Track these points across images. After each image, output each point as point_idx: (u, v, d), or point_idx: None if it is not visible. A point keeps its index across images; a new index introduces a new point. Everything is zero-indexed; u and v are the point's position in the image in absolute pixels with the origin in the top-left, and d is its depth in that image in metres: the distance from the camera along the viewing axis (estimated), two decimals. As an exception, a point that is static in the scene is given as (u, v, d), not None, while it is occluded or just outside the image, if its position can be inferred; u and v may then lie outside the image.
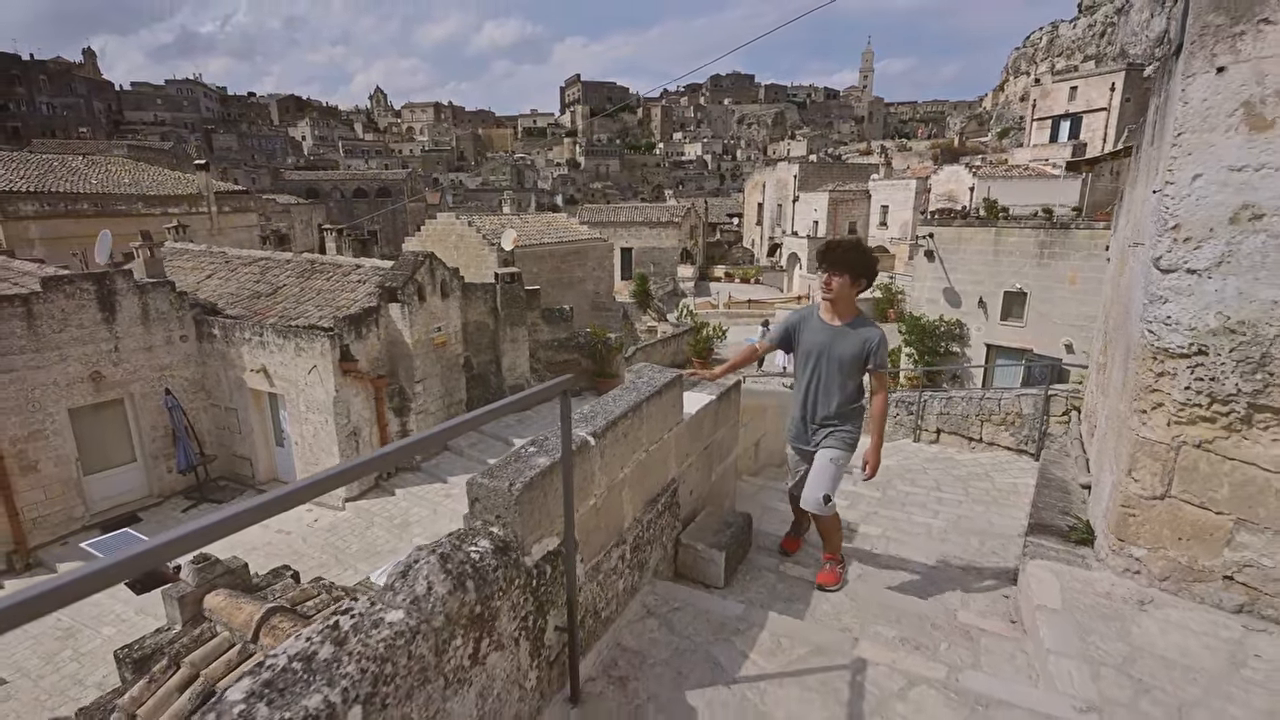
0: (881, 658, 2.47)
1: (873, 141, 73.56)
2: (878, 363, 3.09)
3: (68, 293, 10.09)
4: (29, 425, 9.85)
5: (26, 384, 9.76)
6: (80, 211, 19.03)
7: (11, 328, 9.57)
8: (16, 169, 19.66)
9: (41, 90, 54.61)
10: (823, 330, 3.18)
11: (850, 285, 3.08)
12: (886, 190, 36.72)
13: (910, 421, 8.92)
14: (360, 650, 1.41)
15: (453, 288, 12.25)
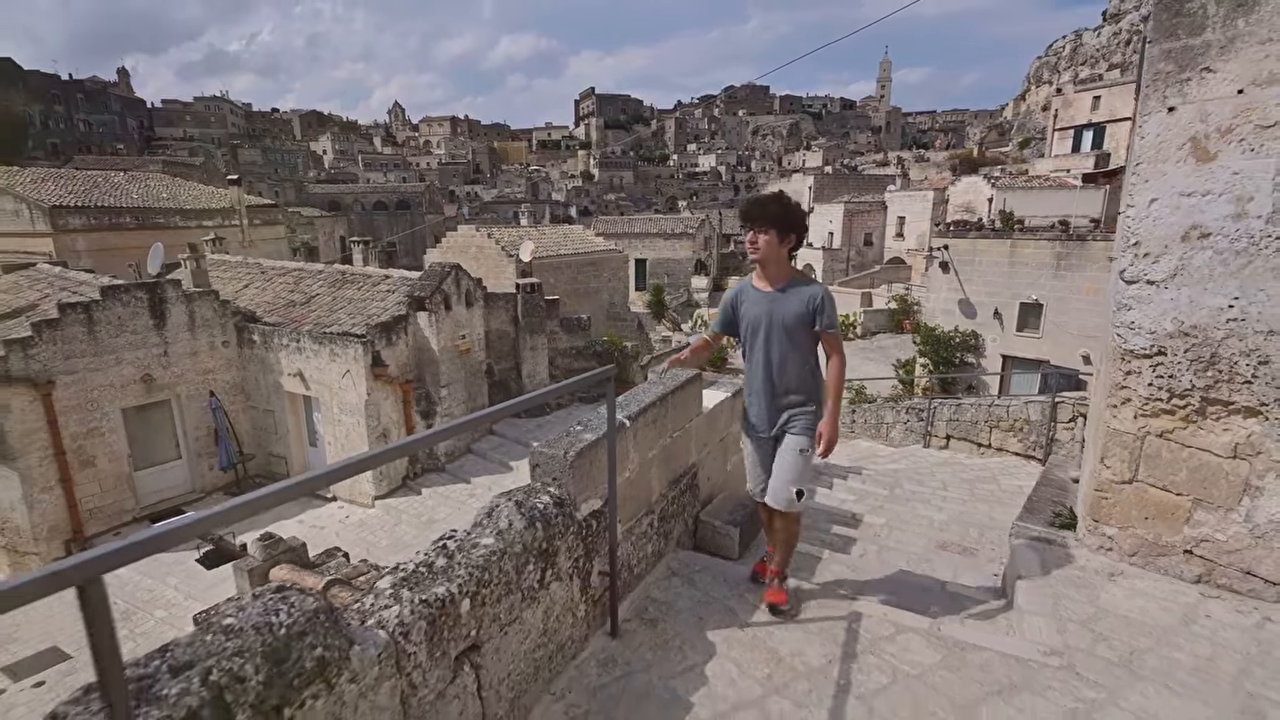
0: (874, 611, 2.89)
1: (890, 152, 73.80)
2: (825, 322, 2.67)
3: (124, 301, 10.82)
4: (87, 423, 10.55)
5: (86, 385, 10.47)
6: (123, 225, 20.03)
7: (75, 333, 10.31)
8: (65, 184, 20.75)
9: (79, 108, 56.99)
10: (759, 299, 2.78)
11: (778, 243, 2.68)
12: (903, 202, 36.99)
13: (920, 428, 9.26)
14: (465, 561, 1.89)
15: (476, 297, 12.83)
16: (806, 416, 2.77)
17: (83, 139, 55.07)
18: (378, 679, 1.55)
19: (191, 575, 10.02)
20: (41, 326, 10.23)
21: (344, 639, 1.48)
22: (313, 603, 1.46)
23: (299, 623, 1.40)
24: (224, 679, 1.23)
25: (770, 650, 2.62)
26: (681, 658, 2.55)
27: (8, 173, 21.07)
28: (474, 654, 1.90)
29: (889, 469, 7.40)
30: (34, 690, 7.91)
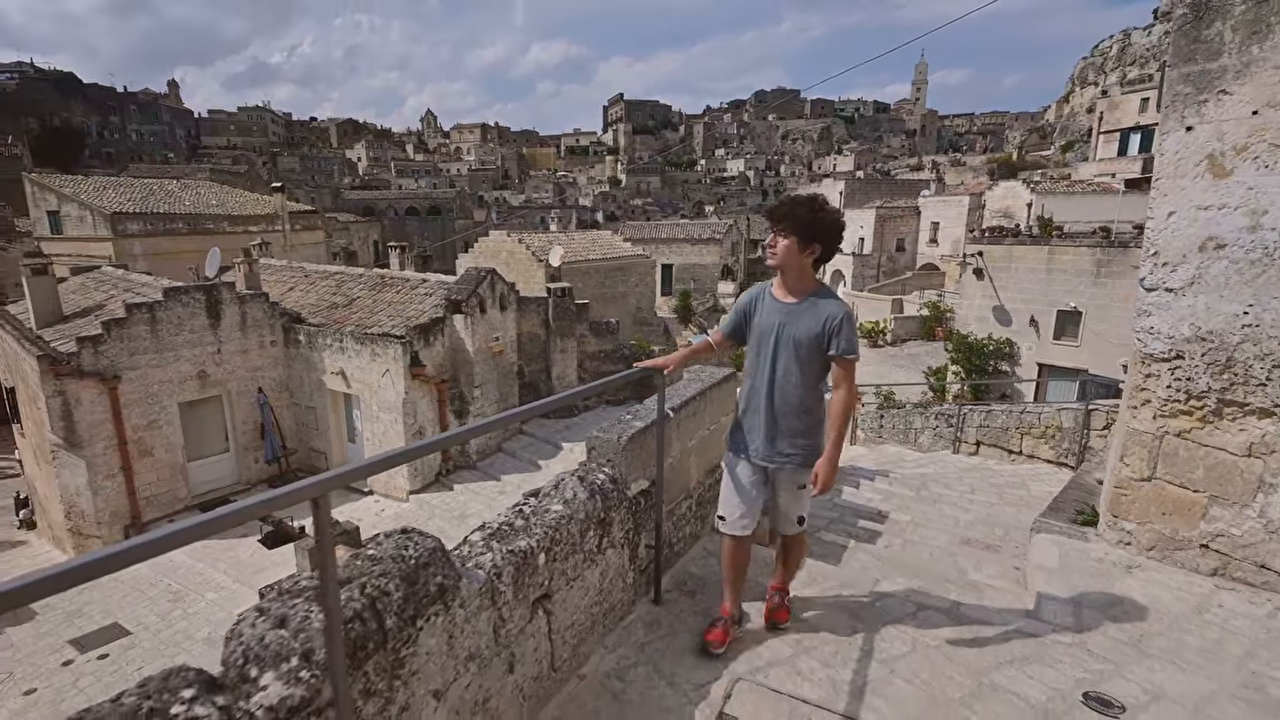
0: (897, 592, 3.15)
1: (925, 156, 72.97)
2: (842, 347, 2.39)
3: (183, 302, 11.55)
4: (148, 416, 11.28)
5: (148, 380, 11.20)
6: (176, 230, 21.14)
7: (139, 331, 11.05)
8: (124, 192, 21.98)
9: (132, 119, 59.99)
10: (775, 309, 2.53)
11: (800, 249, 2.43)
12: (937, 207, 36.68)
13: (949, 434, 9.37)
14: (539, 522, 2.22)
15: (510, 301, 13.30)
16: (808, 449, 2.51)
17: (135, 148, 57.83)
18: (478, 608, 1.89)
19: (239, 561, 10.64)
20: (110, 325, 10.99)
21: (455, 573, 1.83)
22: (432, 542, 1.81)
23: (423, 556, 1.75)
24: (374, 591, 1.58)
25: (801, 620, 2.90)
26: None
27: (73, 181, 22.40)
28: (546, 601, 2.23)
29: (916, 472, 7.56)
30: (99, 662, 8.55)
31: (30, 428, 12.93)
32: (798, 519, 2.67)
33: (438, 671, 1.78)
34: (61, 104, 59.78)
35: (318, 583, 1.63)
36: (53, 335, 11.84)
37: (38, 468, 13.35)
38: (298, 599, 1.59)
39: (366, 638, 1.56)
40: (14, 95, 58.92)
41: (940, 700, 2.39)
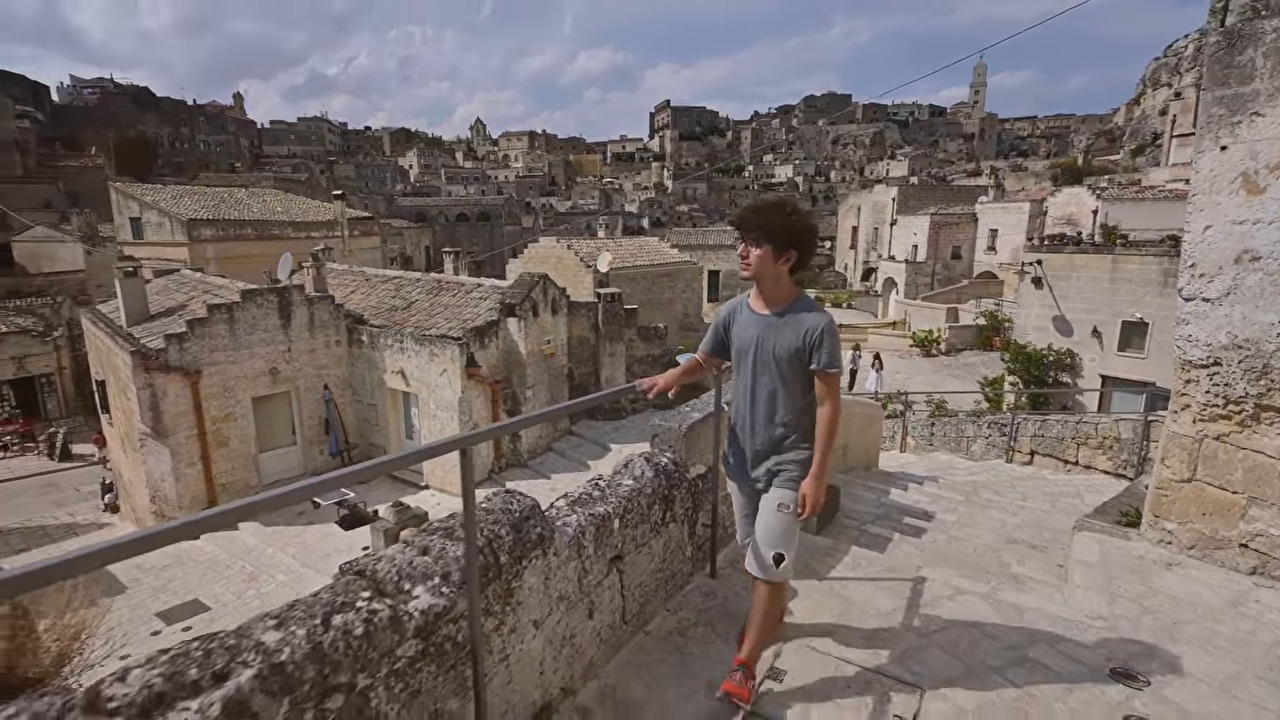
0: (938, 577, 3.42)
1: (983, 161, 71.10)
2: (823, 360, 2.28)
3: (258, 303, 12.52)
4: (225, 409, 12.26)
5: (226, 375, 12.18)
6: (245, 235, 22.65)
7: (219, 330, 12.05)
8: (198, 200, 23.68)
9: (200, 130, 64.26)
10: (752, 322, 2.43)
11: (774, 258, 2.29)
12: (996, 214, 35.84)
13: (1002, 442, 9.38)
14: (613, 494, 2.62)
15: (561, 305, 13.86)
16: (793, 467, 2.38)
17: (203, 157, 61.73)
18: (567, 558, 2.29)
19: (306, 546, 11.45)
20: (194, 324, 12.01)
21: (549, 527, 2.24)
22: (531, 500, 2.22)
23: (526, 509, 2.17)
24: (491, 534, 2.00)
25: (844, 598, 3.20)
26: (769, 596, 3.18)
27: (153, 190, 24.26)
28: (619, 562, 2.62)
29: (967, 479, 7.66)
30: (183, 633, 9.39)
31: (119, 417, 14.16)
32: (774, 556, 2.35)
33: (537, 605, 2.19)
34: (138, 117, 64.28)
35: (449, 524, 2.06)
36: (141, 332, 12.98)
37: (124, 455, 14.59)
38: (434, 535, 2.03)
39: (487, 569, 1.98)
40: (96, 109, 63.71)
41: (974, 667, 2.67)
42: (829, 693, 2.50)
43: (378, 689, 1.65)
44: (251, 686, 1.39)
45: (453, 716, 1.87)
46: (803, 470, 2.37)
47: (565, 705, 2.36)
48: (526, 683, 2.18)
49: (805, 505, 2.33)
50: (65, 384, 25.17)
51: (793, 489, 2.37)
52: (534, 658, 2.20)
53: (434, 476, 12.64)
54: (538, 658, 2.22)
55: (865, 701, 2.45)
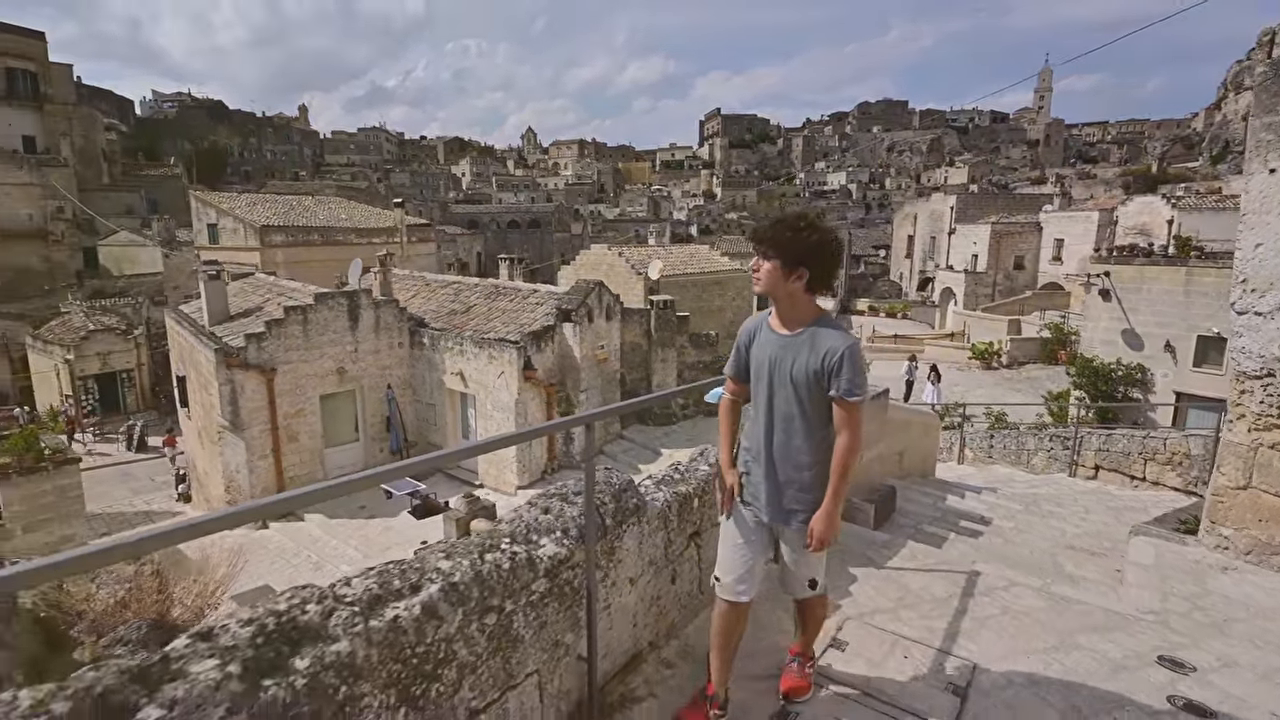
0: (991, 570, 3.66)
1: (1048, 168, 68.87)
2: (843, 386, 2.15)
3: (330, 305, 13.42)
4: (296, 405, 13.17)
5: (298, 374, 13.10)
6: (312, 241, 24.05)
7: (293, 330, 12.98)
8: (269, 207, 25.28)
9: (267, 140, 68.31)
10: (770, 342, 2.33)
11: (785, 274, 2.20)
12: (1061, 223, 34.82)
13: (1065, 456, 9.33)
14: (692, 476, 3.00)
15: (615, 311, 14.34)
16: (811, 503, 2.29)
17: (269, 166, 65.50)
18: (656, 528, 2.68)
19: (367, 539, 12.18)
20: (271, 324, 12.97)
21: (642, 499, 2.63)
22: (627, 474, 2.62)
23: (623, 483, 2.57)
24: (598, 501, 2.41)
25: (902, 585, 3.49)
26: (830, 579, 3.47)
27: (229, 198, 26.02)
28: (697, 537, 2.99)
29: (1028, 492, 7.70)
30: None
31: (198, 411, 15.32)
32: (809, 582, 2.41)
33: (632, 564, 2.58)
34: (211, 128, 68.61)
35: (563, 491, 2.48)
36: (222, 331, 14.06)
37: (201, 447, 15.75)
38: (552, 499, 2.44)
39: (595, 528, 2.38)
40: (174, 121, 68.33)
41: (1024, 649, 2.93)
42: (887, 661, 2.80)
43: (518, 614, 2.06)
44: (438, 597, 1.82)
45: (569, 648, 2.27)
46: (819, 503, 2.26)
47: (652, 656, 2.73)
48: (622, 631, 2.57)
49: (813, 540, 2.25)
50: (143, 380, 27.14)
51: None
52: (629, 610, 2.59)
53: (488, 476, 13.25)
54: (632, 611, 2.61)
55: (921, 669, 2.74)
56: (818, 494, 2.27)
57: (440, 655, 1.81)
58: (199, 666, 1.42)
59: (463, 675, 1.88)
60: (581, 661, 2.33)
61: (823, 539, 2.25)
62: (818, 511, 2.25)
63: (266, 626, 1.56)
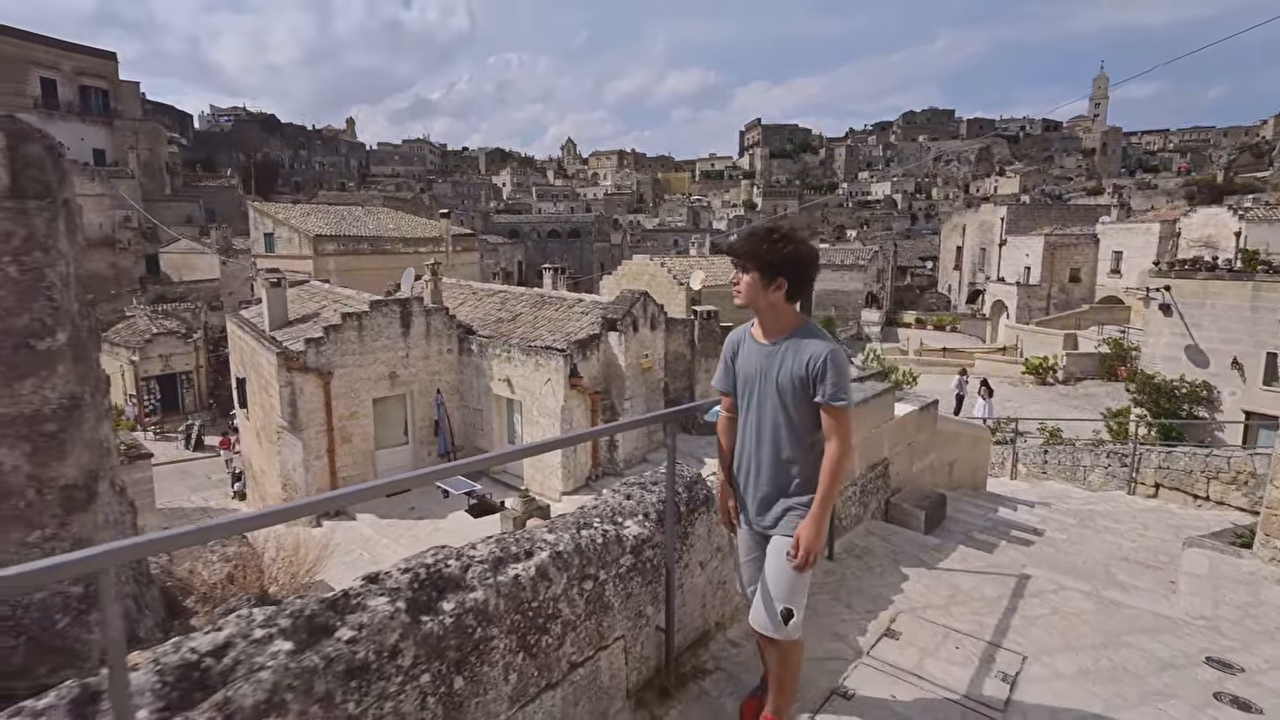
0: (1041, 574, 3.83)
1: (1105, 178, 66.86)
2: (829, 392, 2.17)
3: (384, 312, 14.11)
4: (350, 408, 13.85)
5: (353, 378, 13.78)
6: (361, 250, 25.12)
7: (349, 336, 13.69)
8: (323, 218, 26.51)
9: (316, 152, 71.41)
10: (754, 353, 2.38)
11: (764, 285, 2.25)
12: (1120, 235, 33.86)
13: (1124, 474, 9.23)
14: (758, 470, 3.27)
15: (659, 321, 14.67)
16: (801, 512, 2.26)
17: (317, 177, 68.35)
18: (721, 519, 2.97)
19: (416, 540, 12.71)
20: (329, 329, 13.70)
21: (710, 490, 2.92)
22: (696, 469, 2.91)
23: (694, 476, 2.88)
24: (672, 494, 2.71)
25: (952, 584, 3.69)
26: (882, 577, 3.71)
27: (284, 208, 27.38)
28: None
29: (1083, 507, 7.69)
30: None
31: (257, 412, 16.18)
32: (782, 612, 2.24)
33: (702, 549, 2.88)
34: (264, 141, 71.94)
35: (642, 480, 2.79)
36: (282, 336, 14.88)
37: (259, 446, 16.61)
38: (633, 487, 2.76)
39: (673, 513, 2.68)
40: (230, 135, 71.90)
41: (1073, 643, 3.11)
42: (939, 650, 3.02)
43: (609, 584, 2.38)
44: (547, 562, 2.15)
45: (649, 619, 2.58)
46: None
47: (719, 636, 3.01)
48: (693, 610, 2.86)
49: (798, 550, 2.19)
50: (201, 381, 28.61)
51: None
52: (699, 591, 2.88)
53: (533, 481, 13.65)
54: (701, 592, 2.90)
55: (972, 659, 2.96)
56: (806, 504, 2.24)
57: (549, 612, 2.14)
58: (374, 602, 1.77)
59: (565, 631, 2.20)
60: (659, 632, 2.63)
61: (809, 548, 2.17)
62: (805, 520, 2.21)
63: (420, 575, 1.91)
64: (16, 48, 42.99)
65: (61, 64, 45.11)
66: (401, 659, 1.71)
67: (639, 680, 2.58)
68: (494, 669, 1.96)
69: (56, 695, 1.39)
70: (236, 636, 1.56)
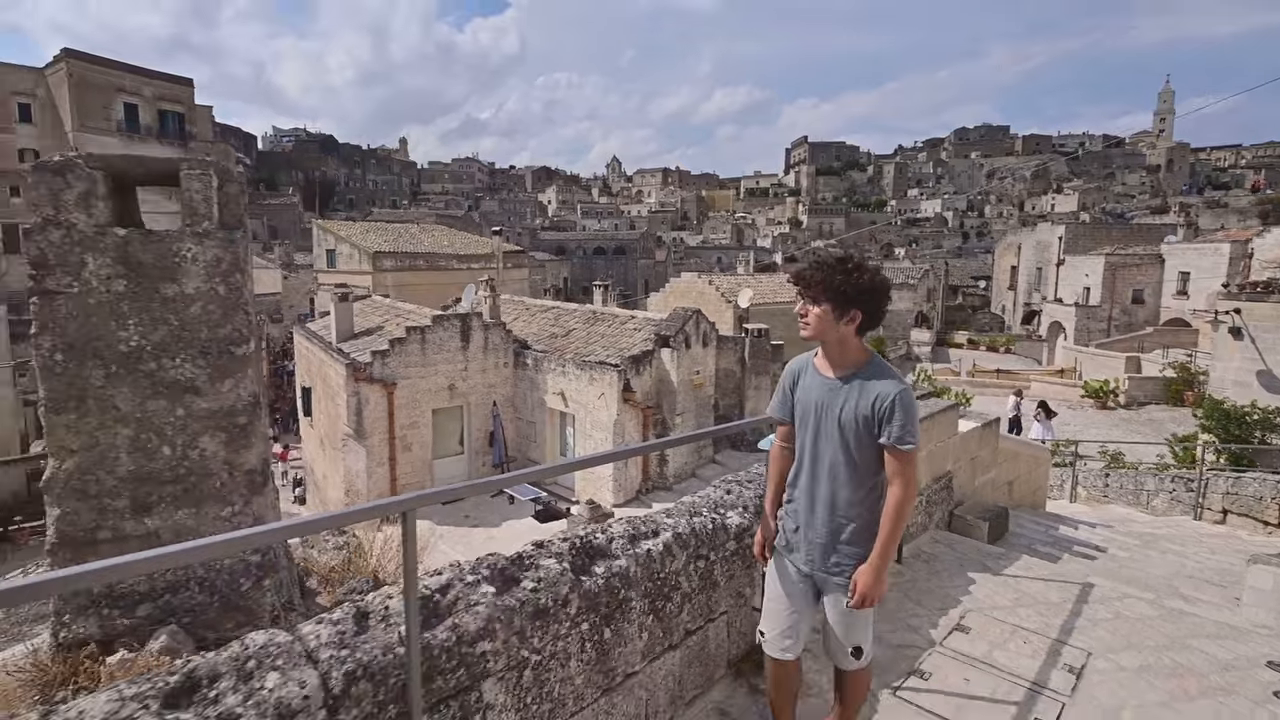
0: (1104, 582, 4.06)
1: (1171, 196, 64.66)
2: (894, 434, 2.10)
3: (445, 327, 14.88)
4: (411, 418, 14.60)
5: (415, 389, 14.55)
6: (418, 266, 26.28)
7: (412, 349, 14.48)
8: (382, 235, 27.86)
9: (370, 170, 74.75)
10: (817, 385, 2.31)
11: (836, 318, 2.17)
12: (1187, 255, 32.83)
13: (1189, 499, 9.15)
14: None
15: (710, 338, 15.06)
16: (858, 557, 2.21)
17: (371, 195, 71.42)
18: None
19: (471, 546, 13.27)
20: (395, 342, 14.51)
21: (800, 487, 3.31)
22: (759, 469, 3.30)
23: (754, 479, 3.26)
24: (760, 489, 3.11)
25: (1018, 589, 3.96)
26: (950, 580, 4.01)
27: (345, 225, 28.85)
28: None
29: (1146, 531, 7.73)
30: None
31: (322, 420, 17.11)
32: (853, 650, 2.27)
33: (790, 542, 3.25)
34: (321, 160, 75.56)
35: (740, 477, 3.20)
36: (348, 348, 15.79)
37: (322, 453, 17.53)
38: (731, 483, 3.17)
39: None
40: (291, 154, 75.76)
41: (1136, 644, 3.36)
42: (1008, 644, 3.32)
43: (717, 564, 2.78)
44: (670, 540, 2.57)
45: (747, 600, 2.97)
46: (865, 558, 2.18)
47: (802, 622, 3.36)
48: (781, 596, 3.23)
49: (855, 593, 2.14)
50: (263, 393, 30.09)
51: None
52: (787, 579, 3.25)
53: (584, 493, 14.09)
54: (788, 580, 3.26)
55: (1039, 652, 3.24)
56: (865, 547, 2.19)
57: (672, 583, 2.55)
58: (546, 562, 2.22)
59: (684, 601, 2.61)
60: (755, 612, 3.01)
61: (866, 594, 2.13)
62: (864, 565, 2.16)
63: (575, 544, 2.35)
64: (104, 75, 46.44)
65: (143, 90, 48.50)
66: (570, 608, 2.15)
67: (738, 653, 2.96)
68: (631, 626, 2.38)
69: (342, 611, 1.87)
70: (454, 580, 2.03)
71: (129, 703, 1.46)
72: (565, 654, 2.13)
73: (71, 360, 3.06)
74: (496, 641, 1.94)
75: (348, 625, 1.82)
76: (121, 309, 3.17)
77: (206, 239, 3.33)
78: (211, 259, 3.34)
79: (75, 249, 3.09)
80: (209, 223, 3.35)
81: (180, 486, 3.30)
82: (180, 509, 3.30)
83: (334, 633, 1.77)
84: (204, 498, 3.33)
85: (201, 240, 3.32)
